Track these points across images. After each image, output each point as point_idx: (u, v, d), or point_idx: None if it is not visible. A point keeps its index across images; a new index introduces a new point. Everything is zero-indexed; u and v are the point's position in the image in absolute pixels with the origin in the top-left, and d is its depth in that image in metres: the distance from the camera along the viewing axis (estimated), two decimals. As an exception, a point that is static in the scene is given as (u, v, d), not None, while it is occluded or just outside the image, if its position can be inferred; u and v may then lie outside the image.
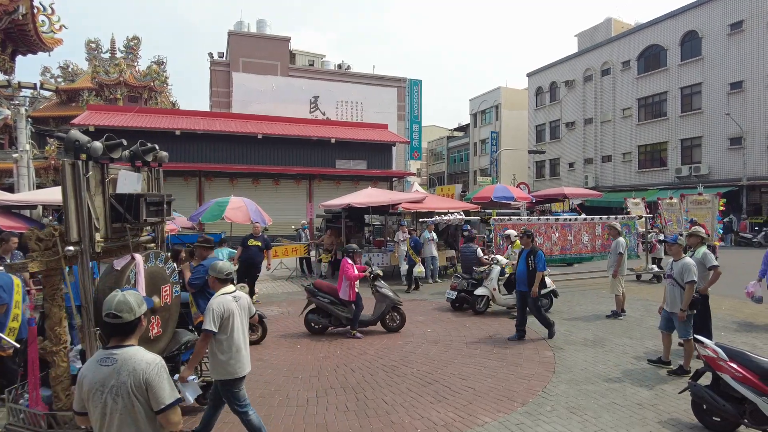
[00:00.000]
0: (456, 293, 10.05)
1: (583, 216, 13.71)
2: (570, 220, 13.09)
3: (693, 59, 30.34)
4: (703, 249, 6.84)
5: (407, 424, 4.78)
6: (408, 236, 13.35)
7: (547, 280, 9.14)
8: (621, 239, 9.71)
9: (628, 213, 19.51)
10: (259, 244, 10.86)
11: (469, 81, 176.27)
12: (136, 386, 2.27)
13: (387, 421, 4.83)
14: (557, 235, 12.53)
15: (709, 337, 6.15)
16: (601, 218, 13.55)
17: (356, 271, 7.98)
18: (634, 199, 20.39)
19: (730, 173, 27.85)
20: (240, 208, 11.73)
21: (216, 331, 3.93)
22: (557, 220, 12.90)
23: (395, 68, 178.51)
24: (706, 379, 4.74)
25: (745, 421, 4.29)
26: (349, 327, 8.07)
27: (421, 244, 13.14)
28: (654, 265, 13.76)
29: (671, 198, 17.53)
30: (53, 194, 12.47)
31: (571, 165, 40.69)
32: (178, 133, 22.66)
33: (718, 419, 4.50)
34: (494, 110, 50.16)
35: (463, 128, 60.03)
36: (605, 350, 7.12)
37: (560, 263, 13.83)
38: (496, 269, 9.73)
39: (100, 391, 2.28)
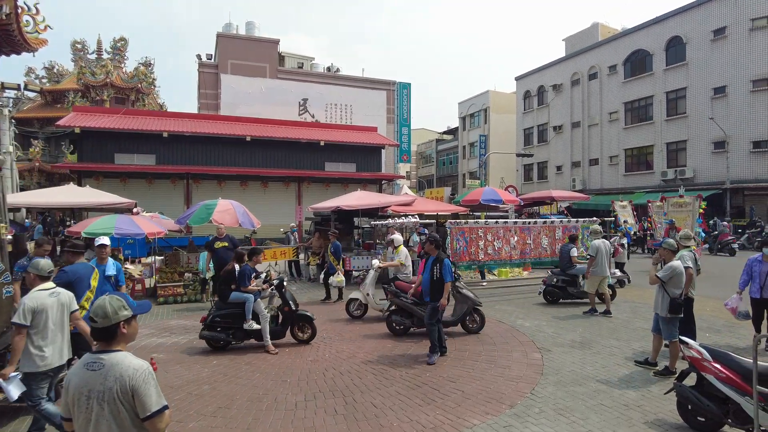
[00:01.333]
0: (545, 286, 10.94)
1: (543, 219, 13.35)
2: (529, 223, 12.76)
3: (678, 64, 30.83)
4: (683, 251, 6.95)
5: (396, 427, 4.76)
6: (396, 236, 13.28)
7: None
8: (596, 242, 9.85)
9: (615, 216, 19.68)
10: (226, 244, 10.79)
11: (458, 84, 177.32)
12: (122, 392, 2.24)
13: (376, 425, 4.82)
14: (516, 239, 12.19)
15: (694, 338, 6.23)
16: (561, 221, 13.21)
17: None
18: (621, 202, 20.54)
19: (714, 176, 28.29)
20: (228, 211, 11.64)
21: (27, 324, 4.10)
22: (516, 223, 12.55)
23: (385, 72, 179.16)
24: (691, 380, 4.79)
25: (729, 420, 4.35)
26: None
27: (341, 249, 11.98)
28: (617, 270, 13.12)
29: (681, 197, 17.68)
30: (37, 196, 12.32)
31: (558, 168, 41.05)
32: (165, 135, 22.45)
33: (703, 419, 4.56)
34: (483, 114, 50.48)
35: (452, 131, 60.31)
36: (593, 352, 7.18)
37: (519, 267, 13.75)
38: (372, 274, 9.49)
39: (86, 396, 2.25)
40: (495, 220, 12.32)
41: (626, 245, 13.68)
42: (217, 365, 6.76)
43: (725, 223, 24.04)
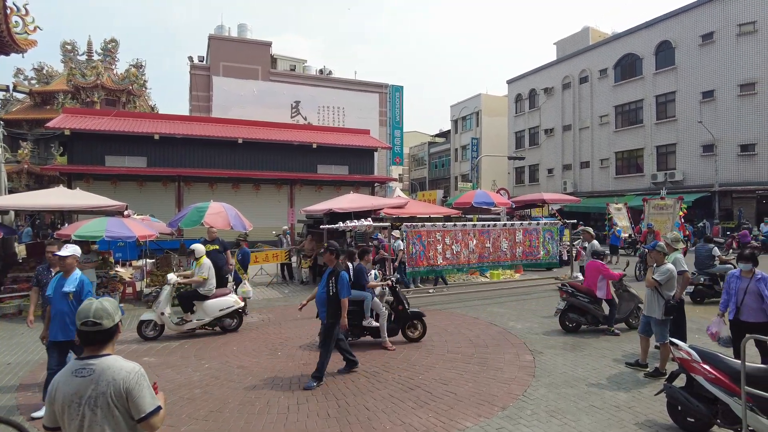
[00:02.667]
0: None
1: (503, 222, 12.95)
2: (488, 226, 12.23)
3: (667, 68, 31.18)
4: (676, 254, 6.99)
5: (389, 430, 4.77)
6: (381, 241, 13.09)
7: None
8: (594, 242, 9.90)
9: (610, 218, 19.71)
10: (217, 247, 10.76)
11: (450, 88, 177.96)
12: (116, 396, 2.24)
13: (368, 428, 4.82)
14: (474, 242, 11.74)
15: (684, 340, 6.29)
16: (521, 224, 12.89)
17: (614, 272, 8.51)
18: (616, 204, 20.46)
19: (703, 179, 28.62)
20: (219, 214, 11.59)
21: None
22: (474, 226, 12.05)
23: (377, 74, 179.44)
24: (681, 381, 4.85)
25: (718, 421, 4.40)
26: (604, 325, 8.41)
27: (249, 255, 11.42)
28: (579, 274, 12.72)
29: (662, 198, 17.61)
30: (26, 199, 12.20)
31: (550, 171, 41.30)
32: (157, 137, 22.33)
33: (693, 420, 4.61)
34: (475, 117, 50.69)
35: (444, 134, 60.48)
36: (584, 354, 7.22)
37: (477, 271, 13.59)
38: (166, 289, 8.58)
39: (77, 404, 2.23)
40: (453, 223, 11.81)
41: (588, 248, 13.44)
42: (208, 369, 6.73)
43: (709, 225, 24.33)
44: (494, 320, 9.51)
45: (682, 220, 15.47)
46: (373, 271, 9.90)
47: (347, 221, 12.16)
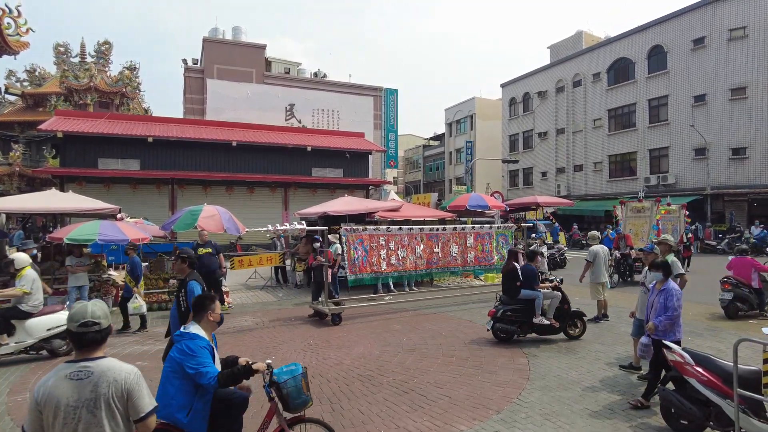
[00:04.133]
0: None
1: (453, 225, 12.33)
2: (437, 229, 11.62)
3: (659, 72, 31.44)
4: (671, 256, 7.03)
5: (383, 434, 4.75)
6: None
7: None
8: (595, 247, 9.92)
9: (617, 221, 19.47)
10: (209, 250, 10.72)
11: (444, 91, 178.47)
12: (117, 396, 2.28)
13: (363, 431, 4.81)
14: (422, 247, 11.15)
15: (678, 342, 6.32)
16: (473, 227, 12.25)
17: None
18: (670, 205, 19.60)
19: (695, 182, 28.85)
20: (213, 217, 11.55)
21: None
22: (422, 229, 11.39)
23: (372, 77, 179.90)
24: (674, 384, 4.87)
25: (711, 423, 4.43)
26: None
27: (140, 265, 10.23)
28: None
29: (669, 204, 17.37)
30: (18, 202, 12.09)
31: (543, 174, 41.49)
32: (150, 140, 22.23)
33: (686, 422, 4.63)
34: (469, 120, 50.85)
35: (439, 137, 60.63)
36: (578, 357, 7.24)
37: (426, 278, 12.87)
38: None
39: (72, 407, 2.22)
40: (398, 227, 11.16)
41: (544, 254, 12.91)
42: (202, 373, 6.67)
43: (702, 228, 24.49)
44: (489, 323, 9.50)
45: (659, 224, 14.84)
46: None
47: (277, 225, 11.26)
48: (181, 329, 3.56)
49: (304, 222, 11.36)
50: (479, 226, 12.53)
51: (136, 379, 2.34)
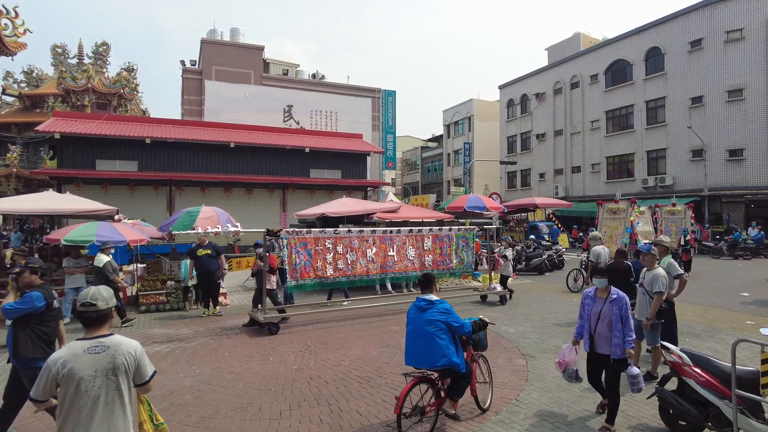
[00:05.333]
0: None
1: (409, 228, 11.64)
2: (391, 231, 10.97)
3: (657, 74, 31.54)
4: (669, 258, 7.05)
5: (382, 435, 4.74)
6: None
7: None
8: (597, 248, 9.92)
9: (631, 222, 19.26)
10: (209, 251, 10.73)
11: (442, 92, 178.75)
12: (130, 365, 2.81)
13: (361, 433, 4.79)
14: (374, 250, 10.54)
15: (675, 343, 6.33)
16: (431, 229, 11.60)
17: None
18: (640, 207, 19.48)
19: (692, 184, 28.92)
20: (211, 218, 11.52)
21: None
22: (374, 232, 10.73)
23: (370, 78, 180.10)
24: (672, 385, 4.87)
25: (709, 424, 4.43)
26: None
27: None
28: (497, 284, 12.14)
29: (674, 205, 17.14)
30: (15, 203, 12.05)
31: (541, 175, 41.54)
32: (148, 141, 22.17)
33: (684, 423, 4.64)
34: (467, 121, 50.92)
35: (437, 139, 60.71)
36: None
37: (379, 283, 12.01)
38: None
39: (92, 376, 2.68)
40: (348, 229, 10.62)
41: (509, 256, 12.47)
42: (200, 374, 6.67)
43: (699, 230, 24.47)
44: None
45: (633, 226, 14.51)
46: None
47: (208, 228, 10.82)
48: (425, 297, 4.81)
49: (239, 224, 10.92)
50: (438, 228, 11.90)
51: (141, 351, 2.90)
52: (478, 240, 14.37)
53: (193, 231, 10.36)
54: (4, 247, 21.08)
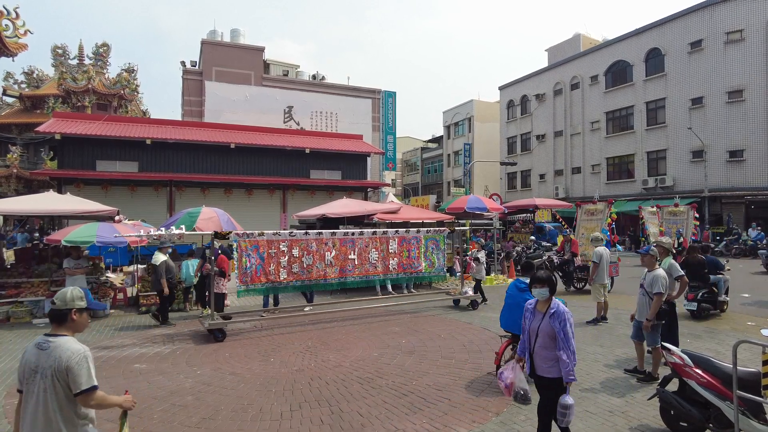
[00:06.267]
0: None
1: (374, 230, 11.25)
2: (352, 234, 10.52)
3: (657, 75, 31.55)
4: (669, 259, 7.04)
5: (383, 436, 4.74)
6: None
7: None
8: (599, 249, 9.92)
9: (642, 223, 19.03)
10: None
11: (442, 93, 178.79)
12: (58, 371, 2.68)
13: (362, 434, 4.79)
14: (333, 253, 10.04)
15: (676, 344, 6.32)
16: (397, 231, 11.12)
17: None
18: (651, 208, 18.62)
19: (693, 185, 28.92)
20: (212, 219, 11.50)
21: None
22: (334, 234, 10.31)
23: (370, 79, 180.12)
24: (673, 386, 4.87)
25: (711, 425, 4.42)
26: None
27: None
28: (468, 289, 11.72)
29: (676, 205, 17.05)
30: (16, 204, 12.04)
31: (541, 176, 41.54)
32: (148, 142, 22.18)
33: (685, 424, 4.63)
34: (467, 122, 50.94)
35: (437, 140, 60.72)
36: (577, 359, 7.21)
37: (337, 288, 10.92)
38: None
39: (32, 370, 2.72)
40: (305, 231, 10.23)
41: (481, 259, 12.26)
42: (201, 375, 6.67)
43: (700, 230, 24.45)
44: (487, 325, 9.51)
45: (611, 227, 14.32)
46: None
47: (150, 230, 10.21)
48: (523, 280, 5.87)
49: (183, 228, 10.42)
50: (405, 230, 11.41)
51: (77, 359, 2.71)
52: (476, 241, 14.30)
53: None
54: (12, 246, 21.17)
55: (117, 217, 12.58)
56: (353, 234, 10.50)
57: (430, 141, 64.67)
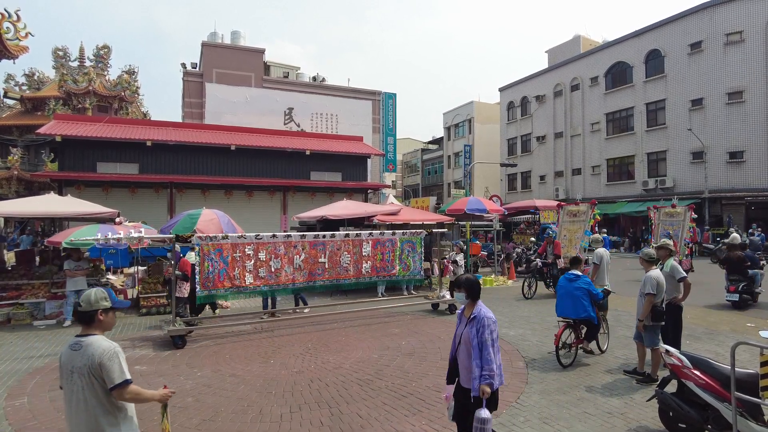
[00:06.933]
0: None
1: (346, 232, 11.02)
2: (323, 236, 10.12)
3: (657, 76, 31.58)
4: (671, 261, 6.96)
5: (382, 438, 4.75)
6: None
7: None
8: (600, 250, 9.92)
9: (651, 225, 18.63)
10: None
11: (442, 95, 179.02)
12: (92, 368, 2.84)
13: (362, 436, 4.80)
14: (303, 257, 9.71)
15: (678, 346, 6.33)
16: (371, 234, 10.85)
17: None
18: (674, 207, 17.46)
19: (693, 186, 28.93)
20: (212, 221, 11.53)
21: None
22: (303, 236, 9.92)
23: (371, 80, 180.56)
24: (672, 387, 4.88)
25: (709, 426, 4.43)
26: None
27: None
28: (446, 292, 11.37)
29: (674, 206, 16.83)
30: (16, 206, 12.06)
31: (542, 178, 41.56)
32: (149, 144, 22.20)
33: (684, 425, 4.64)
34: (467, 124, 50.97)
35: (437, 141, 60.76)
36: (576, 360, 7.24)
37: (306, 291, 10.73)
38: None
39: (70, 371, 2.87)
40: (272, 234, 9.78)
41: (459, 262, 12.28)
42: (201, 377, 6.68)
43: (700, 231, 24.42)
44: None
45: (595, 228, 14.16)
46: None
47: (108, 233, 10.25)
48: (573, 272, 7.31)
49: (152, 231, 10.01)
50: (379, 232, 11.16)
51: (109, 355, 2.87)
52: (477, 242, 14.27)
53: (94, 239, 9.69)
54: (13, 248, 21.19)
55: (117, 219, 12.60)
56: (324, 236, 10.14)
57: (430, 142, 64.70)
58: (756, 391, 3.97)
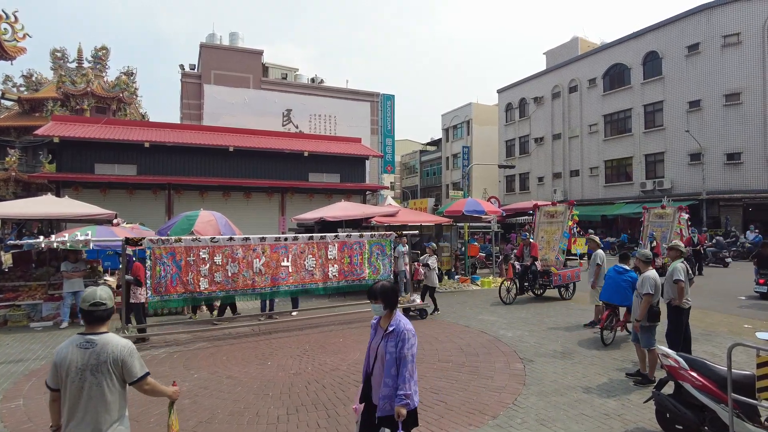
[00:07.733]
0: None
1: (310, 234, 10.47)
2: (285, 239, 9.75)
3: (654, 78, 31.66)
4: (675, 263, 6.81)
5: (379, 439, 4.73)
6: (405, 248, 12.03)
7: None
8: (600, 251, 9.93)
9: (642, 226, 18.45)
10: None
11: (441, 96, 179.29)
12: (114, 364, 2.91)
13: (359, 438, 4.78)
14: (263, 260, 9.33)
15: (677, 349, 6.31)
16: (337, 236, 10.42)
17: None
18: (663, 208, 17.58)
19: (691, 187, 28.98)
20: (210, 222, 11.53)
21: None
22: (263, 239, 9.47)
23: (369, 82, 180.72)
24: (669, 389, 4.88)
25: (706, 428, 4.43)
26: None
27: None
28: (416, 296, 11.18)
29: (663, 207, 16.71)
30: (14, 207, 12.04)
31: (540, 179, 41.61)
32: (147, 145, 22.18)
33: (681, 427, 4.64)
34: (466, 125, 51.03)
35: (436, 143, 60.80)
36: (574, 362, 7.25)
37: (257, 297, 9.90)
38: None
39: (80, 369, 2.85)
40: (229, 236, 9.49)
41: (432, 265, 11.50)
42: (197, 379, 6.66)
43: (697, 233, 24.48)
44: (485, 328, 9.52)
45: (573, 230, 13.88)
46: None
47: (51, 236, 10.13)
48: (621, 266, 8.24)
49: (149, 232, 9.74)
50: (346, 234, 10.78)
51: (128, 351, 2.97)
52: (475, 243, 14.20)
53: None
54: (9, 249, 21.11)
55: (115, 221, 12.58)
56: (286, 239, 9.77)
57: (428, 144, 64.75)
58: (752, 392, 3.97)
